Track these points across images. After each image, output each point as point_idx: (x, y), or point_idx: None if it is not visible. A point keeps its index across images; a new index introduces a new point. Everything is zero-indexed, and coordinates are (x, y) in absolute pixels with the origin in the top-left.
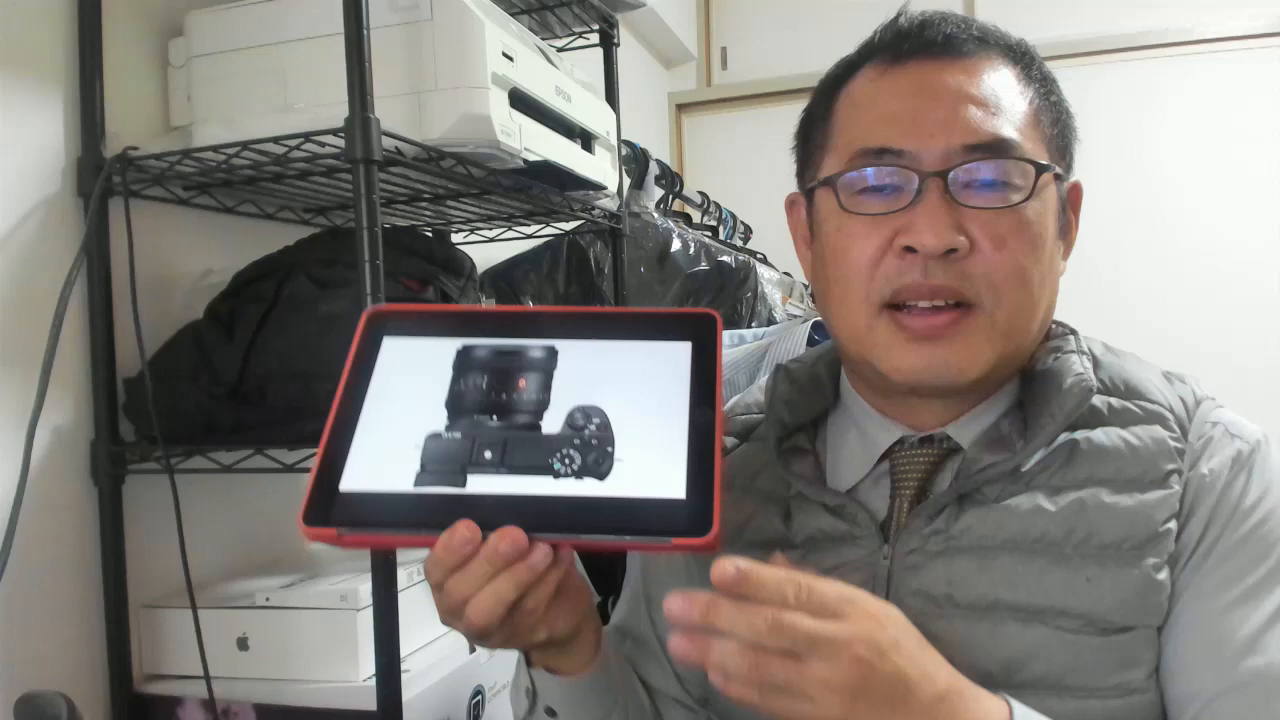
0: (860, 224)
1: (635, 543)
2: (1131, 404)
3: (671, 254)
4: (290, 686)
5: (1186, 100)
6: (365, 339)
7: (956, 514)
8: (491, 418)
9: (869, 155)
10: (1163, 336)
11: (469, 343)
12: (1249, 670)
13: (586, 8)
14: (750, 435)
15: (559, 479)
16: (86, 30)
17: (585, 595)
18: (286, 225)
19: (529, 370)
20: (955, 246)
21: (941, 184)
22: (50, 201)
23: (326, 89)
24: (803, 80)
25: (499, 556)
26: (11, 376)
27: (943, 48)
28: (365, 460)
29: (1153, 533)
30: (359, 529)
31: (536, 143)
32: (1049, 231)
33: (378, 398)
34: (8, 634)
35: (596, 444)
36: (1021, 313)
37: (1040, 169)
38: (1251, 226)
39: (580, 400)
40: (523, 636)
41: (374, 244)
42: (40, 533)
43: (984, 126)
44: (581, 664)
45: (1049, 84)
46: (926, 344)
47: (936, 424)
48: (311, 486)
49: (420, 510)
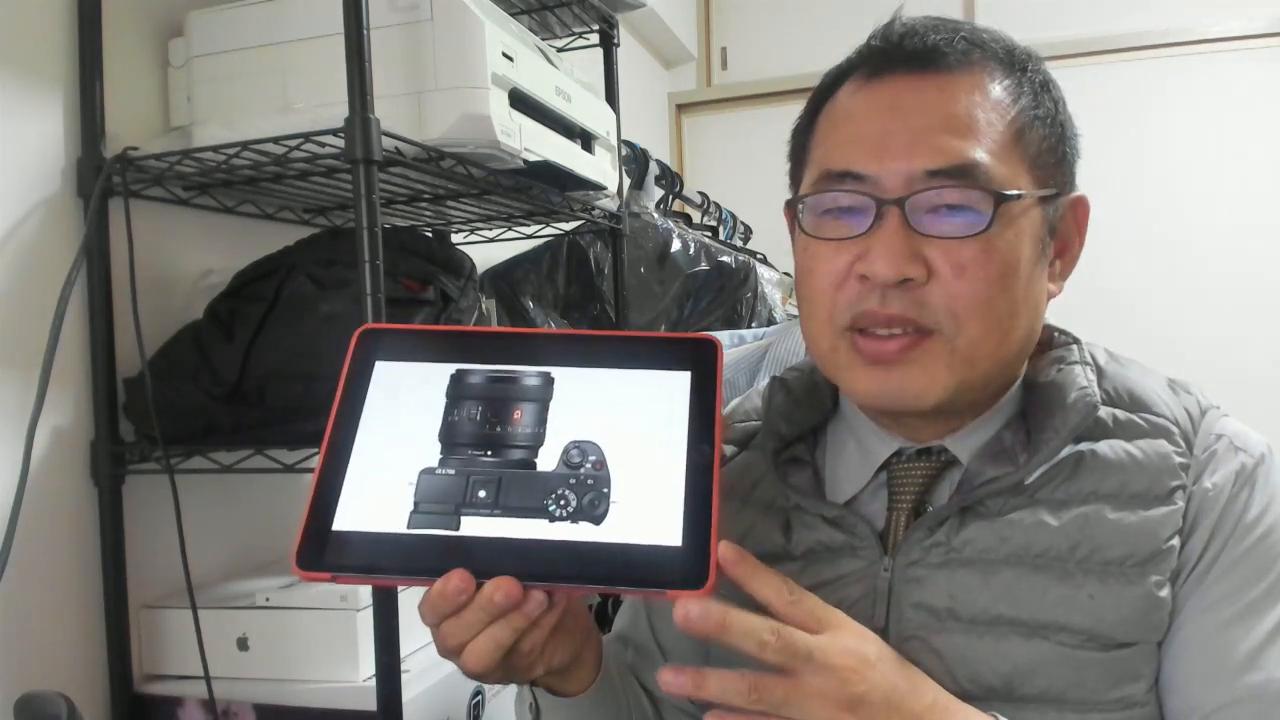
0: (824, 247)
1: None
2: (1137, 417)
3: (671, 254)
4: (290, 686)
5: (1186, 100)
6: (357, 362)
7: (958, 526)
8: (486, 452)
9: (832, 179)
10: (1161, 338)
11: (463, 368)
12: (1248, 685)
13: (586, 8)
14: (750, 443)
15: (554, 522)
16: (86, 30)
17: (584, 623)
18: (286, 225)
19: (525, 400)
20: (910, 276)
21: (899, 212)
22: (50, 202)
23: (326, 89)
24: (803, 80)
25: (494, 607)
26: (11, 376)
27: (923, 60)
28: (358, 497)
29: (1156, 550)
30: (353, 572)
31: (536, 143)
32: (1022, 257)
33: (370, 428)
34: (8, 634)
35: (592, 484)
36: (986, 341)
37: (1000, 199)
38: (1252, 226)
39: (576, 434)
40: (520, 674)
41: (374, 244)
42: (40, 533)
43: (949, 149)
44: (582, 685)
45: (1043, 95)
46: (880, 368)
47: (934, 436)
48: (304, 526)
49: (414, 553)
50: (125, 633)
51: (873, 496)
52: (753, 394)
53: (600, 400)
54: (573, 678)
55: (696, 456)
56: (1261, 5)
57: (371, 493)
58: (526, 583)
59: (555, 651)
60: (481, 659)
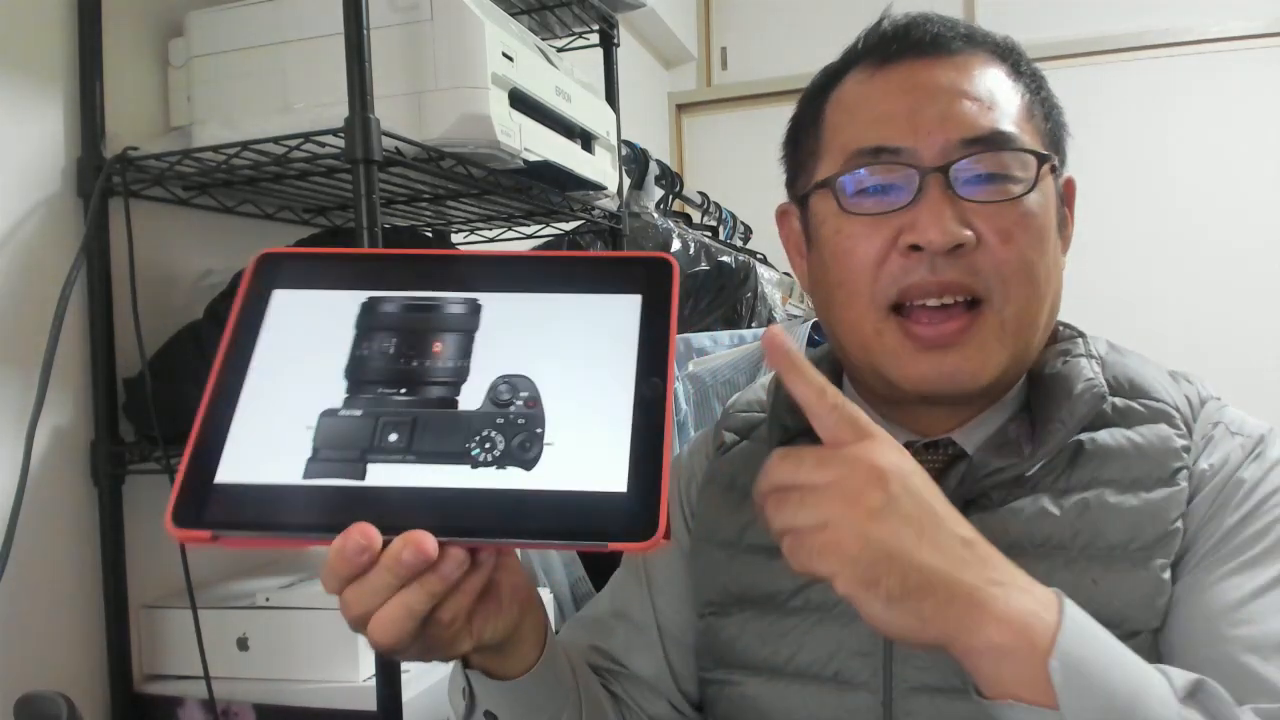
0: (861, 224)
1: (566, 545)
2: (1136, 403)
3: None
4: (290, 686)
5: (1186, 100)
6: (252, 291)
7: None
8: (399, 390)
9: (865, 155)
10: (1163, 335)
11: (376, 295)
12: (1239, 635)
13: (586, 8)
14: (752, 434)
15: (477, 468)
16: (86, 30)
17: (522, 591)
18: (286, 225)
19: (446, 330)
20: (962, 241)
21: (943, 179)
22: (50, 201)
23: (326, 89)
24: (803, 80)
25: (402, 566)
26: (11, 376)
27: (930, 47)
28: (247, 444)
29: (1162, 532)
30: (237, 530)
31: (536, 143)
32: (1051, 224)
33: (264, 365)
34: (8, 634)
35: (523, 424)
36: (1030, 308)
37: (1041, 159)
38: (1252, 226)
39: (506, 368)
40: (442, 649)
41: (374, 244)
42: (40, 533)
43: (981, 120)
44: (522, 666)
45: (1038, 80)
46: (937, 352)
47: (942, 430)
48: (181, 478)
49: (310, 507)
50: (125, 633)
51: None
52: (754, 387)
53: (535, 329)
54: (511, 656)
55: (646, 390)
56: (1261, 5)
57: (263, 439)
58: (442, 538)
59: (486, 623)
60: (390, 629)
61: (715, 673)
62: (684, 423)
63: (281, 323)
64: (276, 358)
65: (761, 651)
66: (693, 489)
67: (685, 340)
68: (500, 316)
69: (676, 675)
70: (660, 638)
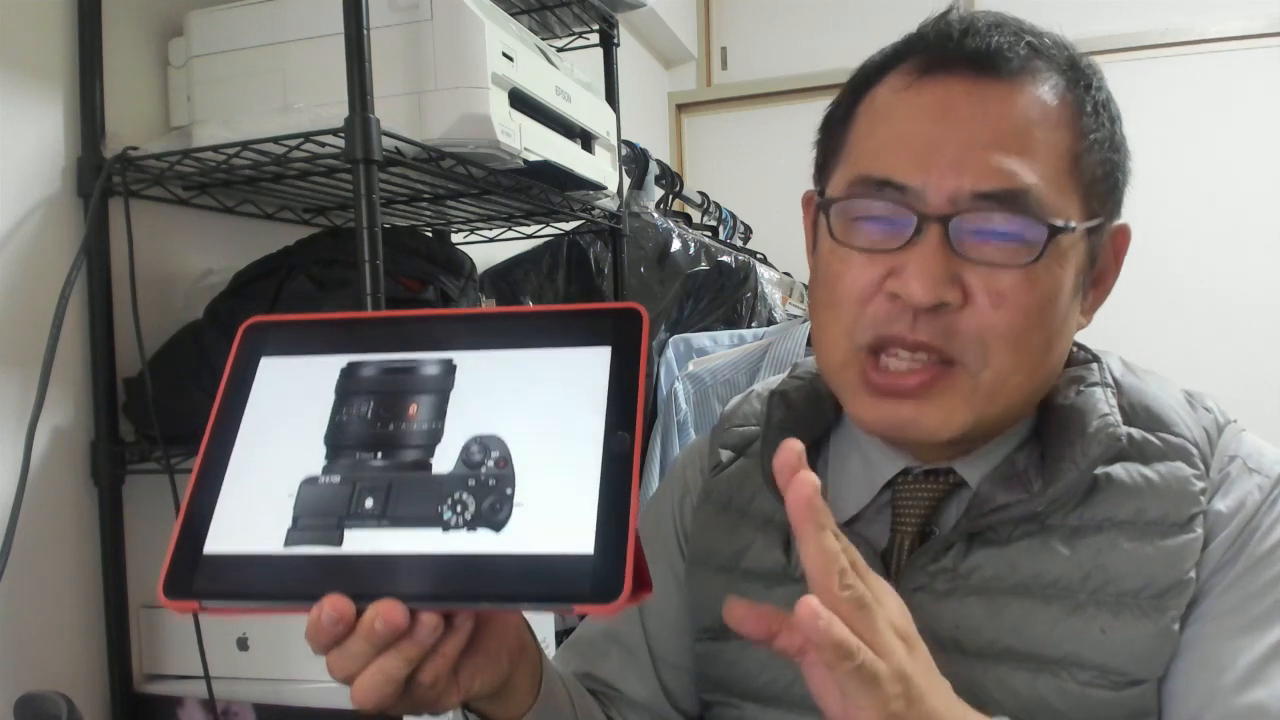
0: (855, 255)
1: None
2: (1154, 437)
3: (671, 254)
4: (290, 686)
5: (1185, 100)
6: (241, 360)
7: (965, 552)
8: (376, 454)
9: (870, 185)
10: (1160, 343)
11: (355, 359)
12: (1246, 702)
13: (586, 8)
14: (748, 450)
15: (449, 531)
16: (86, 30)
17: (512, 641)
18: (286, 225)
19: (421, 392)
20: (945, 301)
21: (941, 230)
22: (50, 201)
23: (326, 89)
24: (803, 80)
25: (376, 636)
26: (11, 376)
27: (982, 64)
28: (234, 514)
29: (1176, 581)
30: (223, 600)
31: (536, 143)
32: (1064, 290)
33: (251, 435)
34: (8, 634)
35: (494, 485)
36: (1013, 376)
37: (1054, 231)
38: (1251, 227)
39: (479, 428)
40: (428, 707)
41: (374, 244)
42: (40, 533)
43: (1002, 169)
44: (517, 711)
45: (1103, 114)
46: (891, 400)
47: (943, 458)
48: (173, 549)
49: (290, 576)
50: (125, 633)
51: (875, 516)
52: (751, 396)
53: (507, 387)
54: (507, 701)
55: (614, 444)
56: (1261, 5)
57: (248, 508)
58: (414, 604)
59: (474, 678)
60: (371, 693)
61: (715, 695)
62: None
63: (267, 391)
64: (262, 426)
65: (760, 678)
66: (687, 506)
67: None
68: (474, 375)
69: (671, 697)
70: (653, 661)
